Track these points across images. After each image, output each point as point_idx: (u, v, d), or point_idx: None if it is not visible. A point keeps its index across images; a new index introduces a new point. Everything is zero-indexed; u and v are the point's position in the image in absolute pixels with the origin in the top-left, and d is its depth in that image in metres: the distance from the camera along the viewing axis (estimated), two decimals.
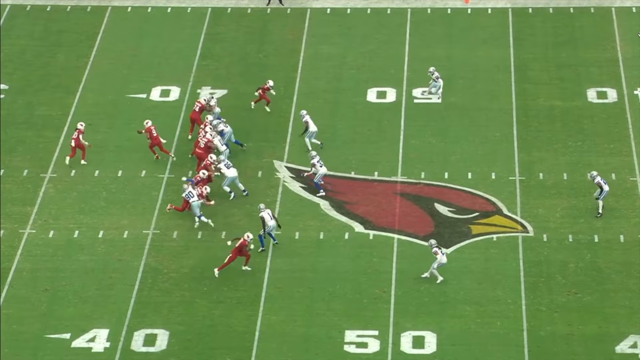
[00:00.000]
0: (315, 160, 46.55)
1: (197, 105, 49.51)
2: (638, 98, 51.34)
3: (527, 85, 52.38)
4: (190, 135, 49.37)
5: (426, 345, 40.26)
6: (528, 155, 48.43)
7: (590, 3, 57.72)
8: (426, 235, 44.62)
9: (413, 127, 50.20)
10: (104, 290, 42.61)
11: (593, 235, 44.43)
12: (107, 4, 58.30)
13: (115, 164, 48.21)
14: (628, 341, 40.18)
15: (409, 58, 54.46)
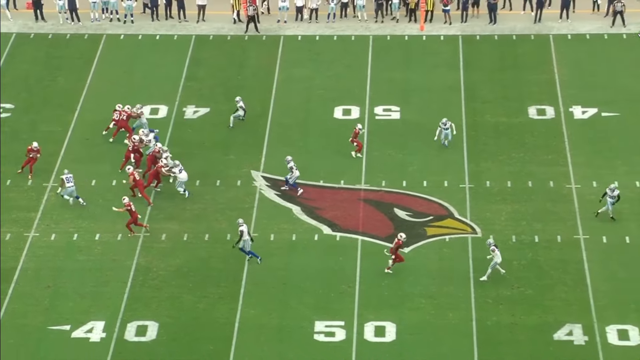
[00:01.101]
0: (292, 165, 46.49)
1: (124, 114, 49.41)
2: (572, 115, 51.38)
3: (476, 103, 52.41)
4: (112, 138, 49.58)
5: (387, 334, 40.22)
6: (476, 165, 48.42)
7: (531, 31, 57.84)
8: (387, 237, 44.57)
9: (374, 141, 50.14)
10: (100, 286, 42.49)
11: (534, 236, 44.44)
12: (102, 32, 58.14)
13: (110, 175, 48.00)
14: (564, 329, 40.25)
15: (370, 80, 54.43)
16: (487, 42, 57.01)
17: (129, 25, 58.85)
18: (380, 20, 59.17)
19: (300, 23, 58.98)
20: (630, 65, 54.77)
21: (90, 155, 49.15)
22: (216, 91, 53.49)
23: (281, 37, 57.71)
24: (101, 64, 55.64)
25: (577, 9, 58.96)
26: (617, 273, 42.61)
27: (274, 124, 51.26)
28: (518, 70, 54.50)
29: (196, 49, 56.88)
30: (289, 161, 46.93)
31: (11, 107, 52.52)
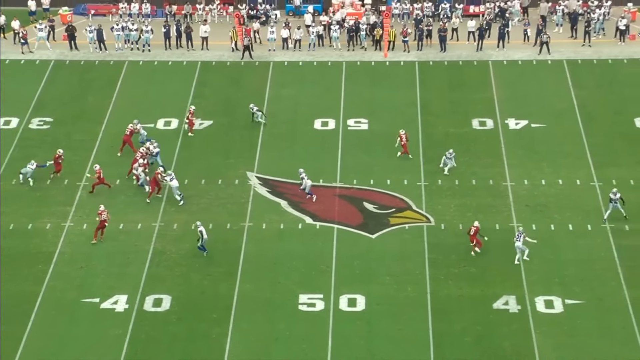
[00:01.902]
0: (303, 175, 46.29)
1: (128, 130, 49.04)
2: (508, 126, 51.45)
3: (430, 117, 52.43)
4: (120, 153, 49.05)
5: (357, 305, 40.34)
6: (430, 167, 48.46)
7: (474, 58, 57.88)
8: (357, 225, 44.59)
9: (347, 147, 50.17)
10: (124, 267, 42.48)
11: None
12: (124, 59, 57.99)
13: (131, 177, 47.82)
14: (502, 300, 40.41)
15: (344, 97, 54.41)
16: (438, 67, 57.08)
17: (146, 53, 58.77)
18: (352, 49, 59.24)
19: (286, 51, 58.99)
20: (553, 86, 54.91)
21: (114, 160, 49.08)
22: (218, 107, 53.48)
23: (271, 63, 57.70)
24: (124, 85, 55.53)
25: (511, 40, 59.07)
26: (544, 254, 42.73)
27: (265, 134, 51.24)
28: (463, 90, 54.59)
29: (201, 72, 56.77)
30: (300, 173, 46.55)
31: (51, 120, 52.43)
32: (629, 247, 42.94)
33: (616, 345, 38.32)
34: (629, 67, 56.59)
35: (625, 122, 51.51)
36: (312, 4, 62.62)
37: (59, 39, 59.72)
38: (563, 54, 57.86)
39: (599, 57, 57.69)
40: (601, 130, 50.83)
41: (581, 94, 53.95)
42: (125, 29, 59.18)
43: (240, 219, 45.09)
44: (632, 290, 40.64)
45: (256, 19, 62.18)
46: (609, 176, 47.22)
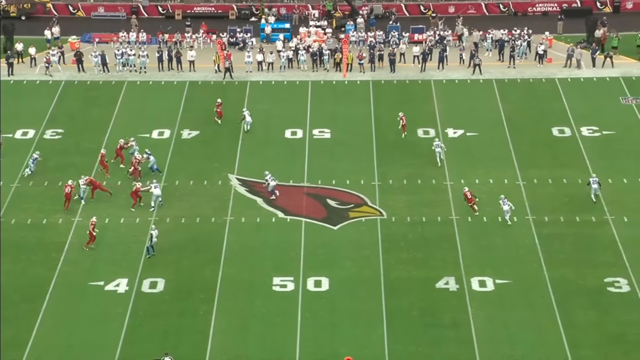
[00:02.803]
0: (268, 177, 45.97)
1: (119, 144, 48.42)
2: (447, 134, 51.40)
3: (382, 127, 52.34)
4: (117, 161, 48.15)
5: (322, 286, 40.21)
6: (383, 169, 48.34)
7: (418, 77, 57.84)
8: (322, 219, 44.43)
9: (314, 152, 49.97)
10: (124, 254, 42.12)
11: (422, 217, 44.43)
12: (124, 80, 57.48)
13: (130, 178, 47.39)
14: (443, 280, 40.42)
15: (310, 111, 54.22)
16: (389, 85, 56.99)
17: (142, 74, 58.31)
18: (316, 70, 59.08)
19: (261, 72, 58.67)
20: (485, 101, 54.91)
21: (115, 166, 48.52)
22: (203, 119, 52.99)
23: (248, 82, 57.37)
24: (124, 101, 54.99)
25: (449, 62, 59.14)
26: (478, 241, 42.81)
27: (244, 141, 50.95)
28: (410, 104, 54.35)
29: (189, 90, 56.33)
30: (266, 174, 46.11)
31: (62, 131, 51.87)
32: (548, 235, 43.09)
33: (538, 317, 38.46)
34: (546, 85, 56.83)
35: (544, 131, 51.69)
36: (282, 32, 62.41)
37: (69, 63, 59.08)
38: (492, 75, 57.97)
39: (522, 76, 57.87)
40: (524, 138, 50.96)
41: (508, 108, 54.07)
42: (124, 54, 58.73)
43: (223, 213, 44.80)
44: (550, 271, 40.81)
45: (235, 45, 61.92)
46: (531, 176, 47.37)
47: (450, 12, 68.23)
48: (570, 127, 51.92)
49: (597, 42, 60.04)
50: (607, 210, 44.59)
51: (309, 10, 68.25)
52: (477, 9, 68.46)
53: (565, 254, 41.85)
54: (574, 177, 47.23)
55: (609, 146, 49.49)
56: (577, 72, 58.36)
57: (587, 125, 52.06)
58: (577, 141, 50.61)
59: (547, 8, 68.43)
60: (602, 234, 43.06)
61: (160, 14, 68.96)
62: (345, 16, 66.74)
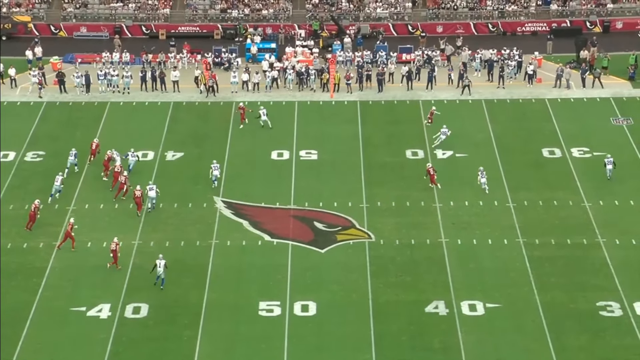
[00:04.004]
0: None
1: (107, 156, 49.29)
2: (436, 155, 51.57)
3: (370, 148, 52.48)
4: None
5: (310, 310, 40.17)
6: (371, 191, 48.46)
7: (406, 98, 58.09)
8: (309, 241, 44.46)
9: (300, 174, 50.05)
10: (107, 279, 41.95)
11: (411, 240, 44.55)
12: (107, 100, 57.56)
13: (113, 202, 47.38)
14: (432, 304, 40.44)
15: (296, 132, 54.32)
16: (377, 106, 57.18)
17: (126, 95, 58.39)
18: (302, 90, 59.27)
19: (246, 93, 58.82)
20: (474, 122, 55.17)
21: (99, 186, 48.58)
22: (188, 141, 53.08)
23: (233, 103, 57.53)
24: (107, 122, 55.01)
25: (437, 83, 59.40)
26: (468, 264, 42.90)
27: (229, 163, 51.03)
28: (398, 125, 54.57)
29: (174, 111, 56.43)
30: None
31: (43, 153, 51.78)
32: (538, 258, 43.25)
33: (529, 341, 38.53)
34: (536, 106, 57.18)
35: (533, 152, 51.96)
36: (268, 52, 62.62)
37: (50, 84, 59.06)
38: (482, 95, 58.31)
39: (512, 97, 58.22)
40: (514, 159, 51.21)
41: (497, 129, 54.36)
42: (107, 74, 58.80)
43: (208, 236, 44.79)
44: (542, 295, 40.92)
45: (220, 66, 62.11)
46: (522, 198, 47.56)
47: (439, 32, 68.66)
48: (560, 148, 52.22)
49: (585, 62, 60.51)
50: (598, 232, 44.81)
51: (296, 30, 68.60)
52: (466, 28, 68.92)
53: (557, 277, 41.99)
54: (564, 198, 47.46)
55: (600, 167, 49.81)
56: (567, 93, 58.75)
57: (577, 146, 52.38)
58: (568, 162, 50.89)
59: (536, 28, 69.00)
60: (593, 257, 43.26)
61: (143, 34, 69.12)
62: (332, 36, 67.06)
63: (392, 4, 70.45)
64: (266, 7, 70.62)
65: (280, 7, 70.62)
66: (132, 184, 47.65)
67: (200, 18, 70.08)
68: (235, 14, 69.77)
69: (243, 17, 69.71)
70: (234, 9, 70.29)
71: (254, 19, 69.83)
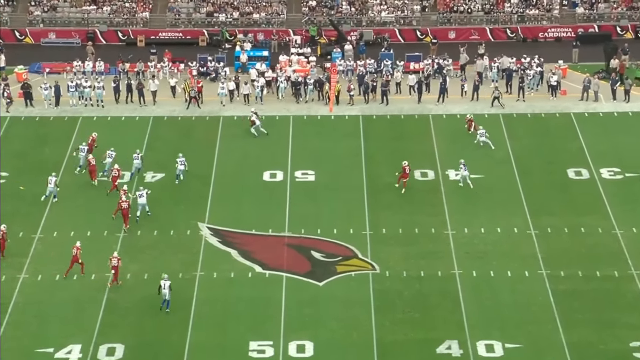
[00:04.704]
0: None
1: (92, 161, 50.82)
2: (448, 176, 51.69)
3: (374, 167, 52.51)
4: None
5: (306, 351, 39.91)
6: (375, 216, 48.42)
7: (415, 112, 58.26)
8: (305, 273, 44.39)
9: (296, 197, 50.07)
10: (78, 316, 41.74)
11: (420, 272, 44.45)
12: (78, 115, 57.64)
13: (85, 227, 47.35)
14: (445, 344, 40.21)
15: (291, 150, 54.43)
16: (381, 120, 57.26)
17: (99, 109, 58.47)
18: (298, 102, 59.34)
19: (235, 106, 58.92)
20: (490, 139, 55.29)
21: (69, 213, 48.51)
22: (170, 160, 53.01)
23: (221, 117, 57.62)
24: (78, 139, 54.92)
25: (449, 95, 59.50)
26: (484, 300, 42.77)
27: (216, 185, 51.05)
28: (405, 142, 54.56)
29: (154, 127, 56.55)
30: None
31: (6, 174, 51.68)
32: (564, 292, 43.15)
33: None
34: (560, 121, 57.32)
35: (557, 172, 52.03)
36: (260, 61, 62.80)
37: (15, 96, 59.10)
38: (499, 109, 58.43)
39: (533, 111, 58.39)
40: (536, 181, 51.27)
41: (516, 146, 54.47)
42: (79, 86, 58.91)
43: (192, 268, 44.71)
44: (567, 334, 40.80)
45: (206, 76, 62.29)
46: (544, 224, 47.56)
47: (451, 38, 68.94)
48: (588, 169, 52.31)
49: (615, 72, 60.70)
50: (631, 263, 44.78)
51: (290, 36, 68.86)
52: (481, 34, 69.21)
53: (584, 314, 41.93)
54: (592, 225, 47.47)
55: (633, 190, 49.81)
56: (595, 106, 58.90)
57: (607, 166, 52.46)
58: (596, 184, 50.95)
59: (560, 33, 69.29)
60: (626, 291, 43.19)
61: (120, 41, 69.41)
62: (331, 42, 67.34)
63: (398, 7, 70.79)
64: (257, 10, 70.97)
65: (273, 11, 70.93)
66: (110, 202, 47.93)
67: (183, 23, 70.42)
68: (222, 18, 70.07)
69: (231, 21, 70.06)
70: (221, 12, 70.60)
71: (243, 24, 70.17)
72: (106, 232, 46.81)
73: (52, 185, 48.87)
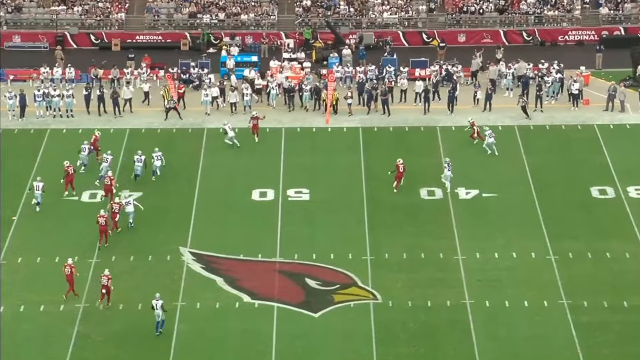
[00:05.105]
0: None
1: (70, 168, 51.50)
2: (458, 195, 51.73)
3: (375, 185, 52.61)
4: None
5: None
6: (376, 239, 48.49)
7: (420, 123, 58.42)
8: (299, 303, 44.42)
9: (288, 218, 50.14)
10: (44, 352, 41.54)
11: (426, 301, 44.43)
12: (46, 127, 57.76)
13: (53, 252, 47.32)
14: None
15: (283, 166, 54.53)
16: (384, 132, 57.38)
17: (70, 120, 58.56)
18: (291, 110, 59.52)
19: (221, 116, 59.00)
20: (505, 153, 55.37)
21: (36, 234, 48.54)
22: (148, 177, 53.15)
23: (205, 130, 57.73)
24: (46, 154, 55.03)
25: (459, 104, 59.59)
26: (499, 332, 42.75)
27: (199, 205, 51.09)
28: (410, 156, 54.36)
29: (130, 140, 56.59)
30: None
31: None
32: (587, 324, 43.15)
33: None
34: (582, 133, 57.47)
35: (580, 191, 52.12)
36: (248, 67, 62.98)
37: None
38: (514, 120, 58.60)
39: (552, 122, 58.56)
40: (556, 200, 51.36)
41: (534, 162, 54.59)
42: (47, 95, 58.97)
43: (173, 298, 44.67)
44: None
45: (189, 84, 62.45)
46: (565, 249, 47.61)
47: (460, 42, 69.20)
48: (613, 187, 52.43)
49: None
50: None
51: (282, 40, 69.08)
52: (494, 37, 69.45)
53: (610, 348, 41.94)
54: (619, 250, 47.55)
55: None
56: (621, 117, 59.10)
57: (635, 184, 52.61)
58: (623, 204, 51.08)
59: (582, 36, 69.57)
60: None
61: (93, 45, 69.60)
62: (327, 47, 67.56)
63: (402, 8, 71.08)
64: (245, 11, 71.22)
65: (263, 11, 71.19)
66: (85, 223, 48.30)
67: (163, 25, 70.66)
68: (206, 20, 70.30)
69: (217, 23, 70.25)
70: (206, 13, 70.84)
71: (230, 26, 70.40)
72: (77, 258, 46.73)
73: (39, 191, 49.70)
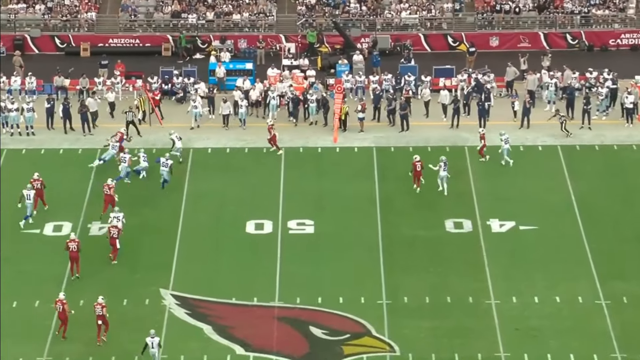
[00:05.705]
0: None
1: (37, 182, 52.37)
2: (490, 228, 51.74)
3: (392, 216, 52.60)
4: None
5: None
6: (394, 280, 48.44)
7: (445, 142, 58.47)
8: (302, 356, 44.36)
9: (289, 255, 50.12)
10: None
11: (454, 354, 44.31)
12: (3, 147, 57.86)
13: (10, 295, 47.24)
14: None
15: (284, 192, 54.58)
16: (401, 153, 57.45)
17: (30, 139, 58.64)
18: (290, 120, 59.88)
19: (210, 135, 59.09)
20: (546, 177, 55.35)
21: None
22: (124, 206, 52.99)
23: (190, 150, 57.76)
24: (2, 178, 55.11)
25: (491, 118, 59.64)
26: None
27: (184, 240, 51.08)
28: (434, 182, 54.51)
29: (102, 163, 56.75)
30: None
31: None
32: None
33: None
34: (638, 154, 57.47)
35: (635, 223, 52.10)
36: (241, 76, 63.04)
37: None
38: (557, 139, 58.61)
39: (602, 142, 58.57)
40: (606, 233, 51.36)
41: (581, 188, 54.64)
42: (4, 109, 59.08)
43: None
44: None
45: (172, 95, 62.56)
46: (618, 291, 47.50)
47: (493, 47, 69.27)
48: None
49: None
50: None
51: (282, 44, 69.17)
52: (533, 41, 69.56)
53: None
54: None
55: None
56: None
57: None
58: None
59: (637, 40, 69.59)
60: None
61: (58, 49, 69.79)
62: (335, 52, 67.68)
63: (423, 6, 71.18)
64: (239, 9, 71.38)
65: (260, 10, 71.34)
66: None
67: (141, 26, 70.85)
68: (192, 20, 70.47)
69: (204, 24, 70.42)
70: (191, 12, 70.99)
71: (220, 28, 70.55)
72: (38, 302, 46.67)
73: (30, 200, 51.53)
